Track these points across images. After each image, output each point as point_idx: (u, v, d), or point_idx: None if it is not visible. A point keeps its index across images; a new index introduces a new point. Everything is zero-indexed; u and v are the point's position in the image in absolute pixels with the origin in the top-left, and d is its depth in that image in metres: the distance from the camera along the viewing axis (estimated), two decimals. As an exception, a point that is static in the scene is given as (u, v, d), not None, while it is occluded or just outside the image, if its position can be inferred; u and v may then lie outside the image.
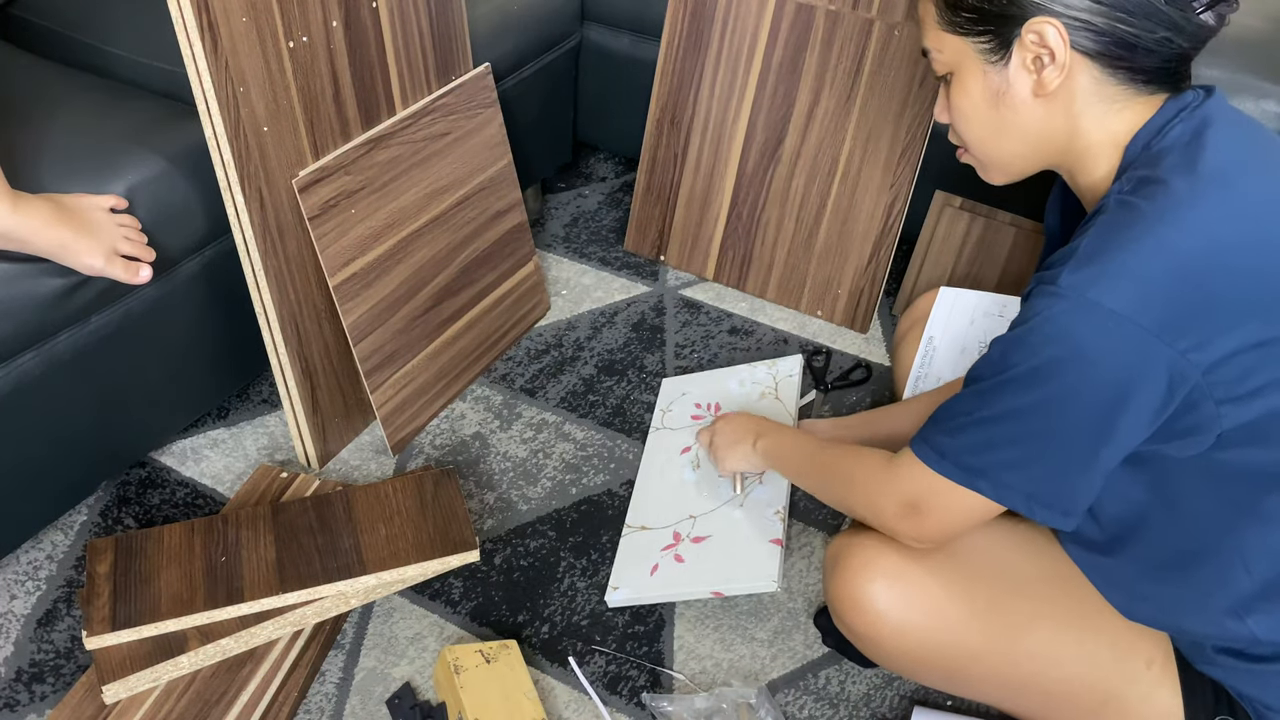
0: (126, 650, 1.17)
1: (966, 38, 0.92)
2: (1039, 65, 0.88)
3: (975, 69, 0.93)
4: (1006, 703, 1.07)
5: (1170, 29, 0.85)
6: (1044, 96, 0.90)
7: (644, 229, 1.90)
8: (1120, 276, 0.80)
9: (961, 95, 0.95)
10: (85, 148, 1.26)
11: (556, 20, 1.80)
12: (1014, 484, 0.89)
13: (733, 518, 1.33)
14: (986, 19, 0.89)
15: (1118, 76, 0.88)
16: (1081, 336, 0.81)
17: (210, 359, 1.44)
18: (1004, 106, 0.93)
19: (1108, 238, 0.82)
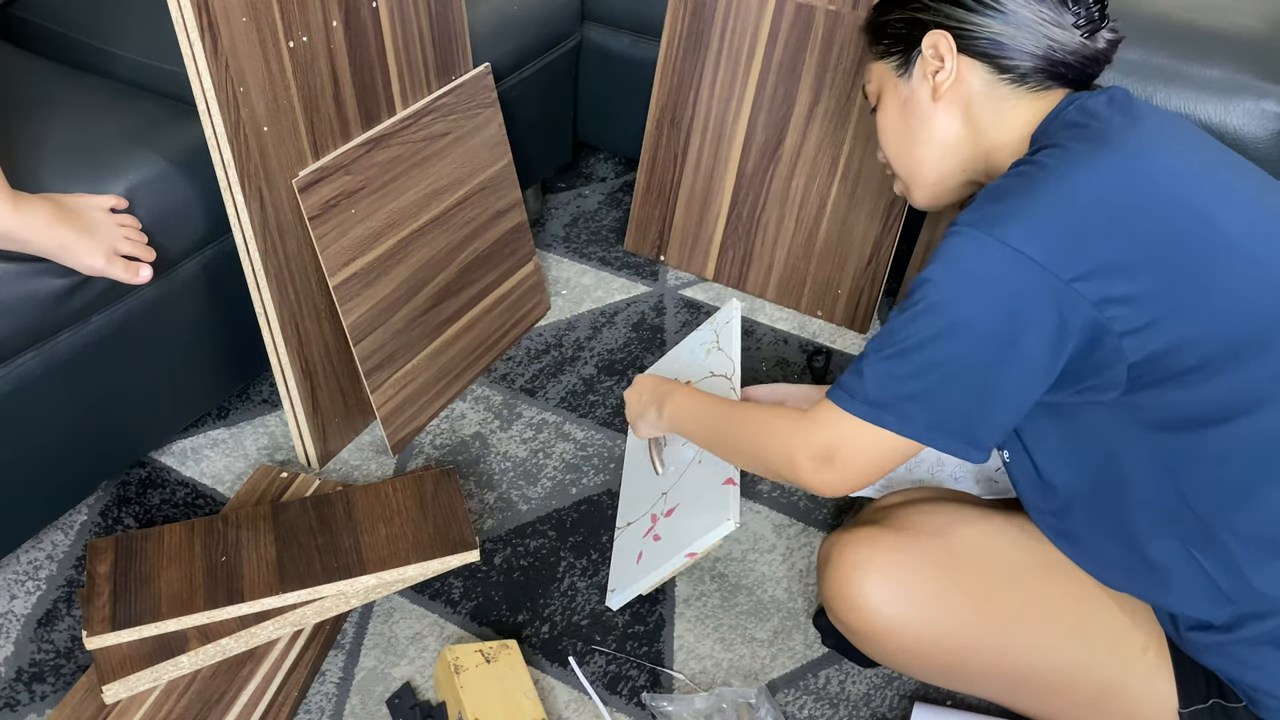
0: (126, 650, 1.17)
1: (884, 60, 1.08)
2: (934, 71, 1.02)
3: (891, 86, 1.08)
4: (1004, 695, 1.07)
5: (1053, 41, 0.98)
6: (941, 100, 1.02)
7: (644, 229, 1.90)
8: (1013, 215, 0.86)
9: (882, 114, 1.10)
10: (85, 148, 1.26)
11: (556, 20, 1.80)
12: (917, 415, 0.90)
13: (692, 476, 1.31)
14: (897, 40, 1.05)
15: (1007, 76, 0.99)
16: (972, 266, 0.86)
17: (210, 359, 1.44)
18: (911, 114, 1.06)
19: (1005, 187, 0.89)
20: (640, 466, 1.43)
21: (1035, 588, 1.01)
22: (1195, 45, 1.50)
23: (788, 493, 1.48)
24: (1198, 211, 0.87)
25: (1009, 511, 1.09)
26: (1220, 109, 1.45)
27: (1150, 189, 0.88)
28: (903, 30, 1.04)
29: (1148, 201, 0.87)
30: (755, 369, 1.68)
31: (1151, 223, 0.86)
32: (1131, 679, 0.99)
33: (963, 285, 0.87)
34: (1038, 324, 0.85)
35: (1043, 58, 0.98)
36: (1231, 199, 0.90)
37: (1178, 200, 0.88)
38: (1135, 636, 0.99)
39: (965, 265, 0.87)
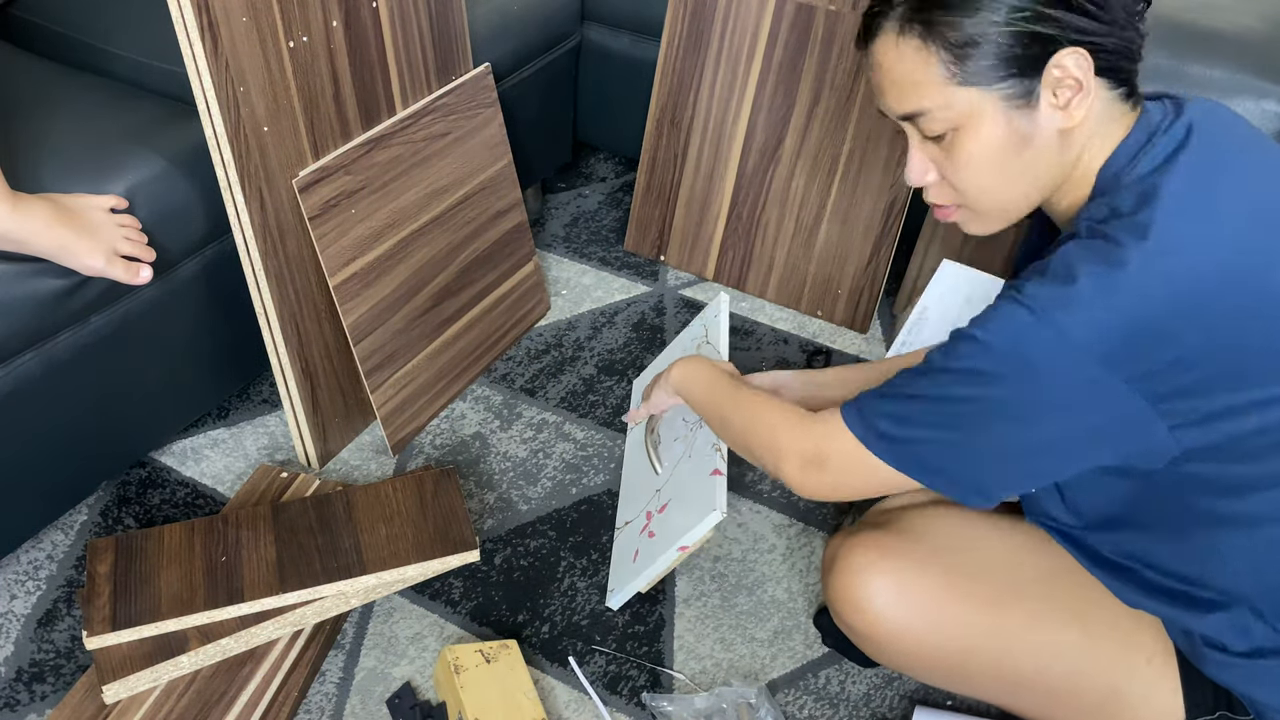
0: (126, 650, 1.17)
1: (986, 88, 0.85)
2: (1065, 99, 0.85)
3: (996, 118, 0.86)
4: (1007, 700, 1.07)
5: (1139, 34, 0.87)
6: (1068, 129, 0.87)
7: (644, 229, 1.90)
8: (1081, 304, 0.79)
9: (975, 145, 0.88)
10: (85, 148, 1.26)
11: (556, 20, 1.80)
12: (925, 460, 0.90)
13: (682, 471, 1.31)
14: (1010, 64, 0.84)
15: (1119, 92, 0.88)
16: (1027, 349, 0.81)
17: (210, 359, 1.44)
18: (1029, 149, 0.88)
19: (1077, 262, 0.81)
20: (639, 466, 1.43)
21: (1040, 593, 1.01)
22: (1195, 45, 1.50)
23: (788, 493, 1.48)
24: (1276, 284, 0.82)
25: (1015, 516, 1.08)
26: (1220, 109, 1.45)
27: (1229, 273, 0.80)
28: (1018, 50, 0.83)
29: (1225, 289, 0.80)
30: (755, 369, 1.68)
31: (1226, 313, 0.80)
32: (1135, 687, 0.98)
33: (1011, 364, 0.82)
34: (1083, 419, 0.83)
35: (1130, 60, 0.87)
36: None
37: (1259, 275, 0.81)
38: (1140, 645, 0.99)
39: (1019, 346, 0.81)
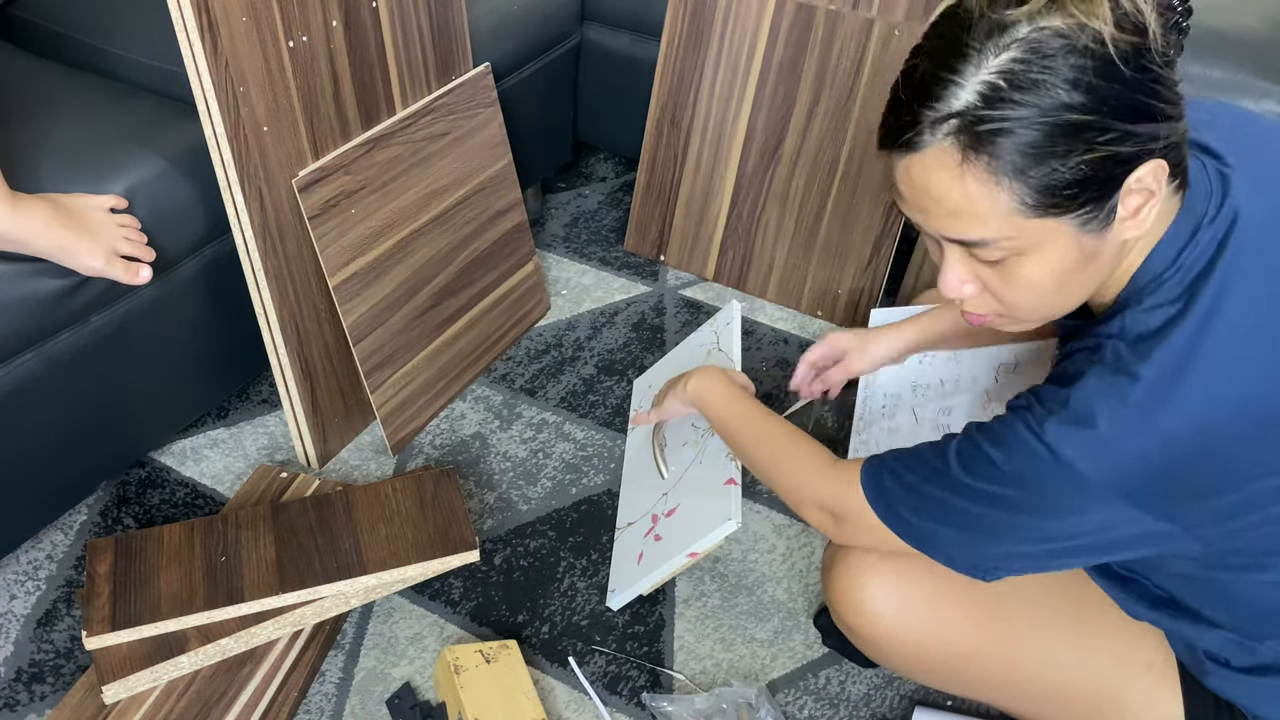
0: (126, 650, 1.17)
1: (1062, 216, 0.76)
2: (1136, 208, 0.77)
3: (1068, 242, 0.77)
4: (1006, 702, 1.07)
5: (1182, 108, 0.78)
6: (1135, 236, 0.79)
7: (644, 229, 1.90)
8: (1103, 450, 0.77)
9: (1038, 270, 0.79)
10: (85, 148, 1.26)
11: (556, 20, 1.80)
12: (936, 543, 0.91)
13: (693, 477, 1.31)
14: (1090, 187, 0.75)
15: (1176, 185, 0.80)
16: (1051, 489, 0.80)
17: (210, 359, 1.44)
18: (1094, 264, 0.80)
19: (1098, 400, 0.77)
20: (641, 467, 1.43)
21: (1041, 598, 1.00)
22: (1195, 45, 1.49)
23: (788, 493, 1.48)
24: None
25: None
26: (1220, 109, 1.45)
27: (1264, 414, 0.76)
28: (1096, 173, 0.74)
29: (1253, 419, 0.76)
30: (755, 369, 1.68)
31: (1251, 444, 0.77)
32: (1134, 695, 0.98)
33: (1028, 495, 0.81)
34: (1099, 535, 0.82)
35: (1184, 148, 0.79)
36: None
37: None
38: (1140, 653, 0.98)
39: (1038, 482, 0.80)
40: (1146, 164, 0.75)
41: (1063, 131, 0.72)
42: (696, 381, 1.26)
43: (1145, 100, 0.73)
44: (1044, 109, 0.72)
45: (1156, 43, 0.73)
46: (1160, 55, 0.73)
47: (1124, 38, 0.72)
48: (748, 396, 1.21)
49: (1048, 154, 0.73)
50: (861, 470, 0.95)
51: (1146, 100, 0.74)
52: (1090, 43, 0.71)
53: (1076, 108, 0.72)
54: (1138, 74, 0.73)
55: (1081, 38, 0.71)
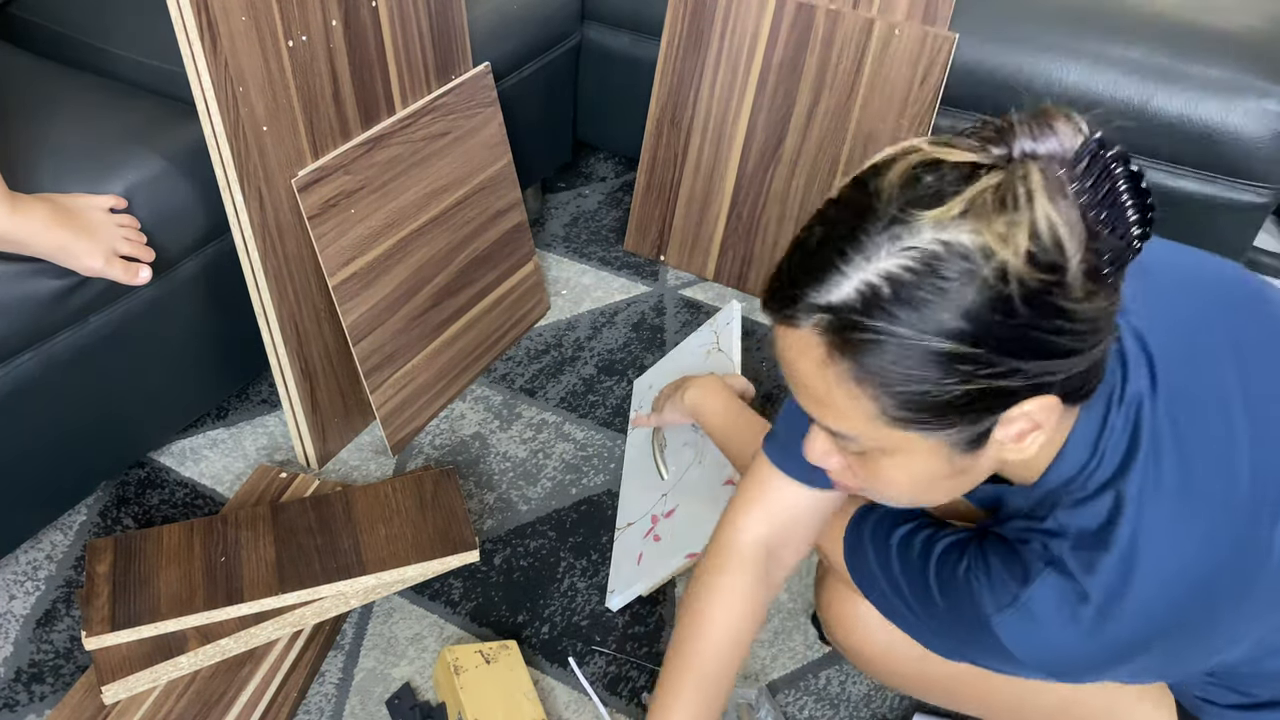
0: (126, 650, 1.17)
1: (928, 434, 0.70)
2: (1019, 435, 0.70)
3: (935, 454, 0.72)
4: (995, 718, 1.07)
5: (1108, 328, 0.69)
6: (1014, 460, 0.75)
7: (644, 229, 1.90)
8: (1048, 648, 0.78)
9: (900, 473, 0.74)
10: (85, 148, 1.26)
11: (556, 20, 1.80)
12: (898, 621, 0.91)
13: (692, 478, 1.32)
14: (961, 413, 0.68)
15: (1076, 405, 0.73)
16: (991, 658, 0.82)
17: (210, 359, 1.44)
18: (964, 476, 0.75)
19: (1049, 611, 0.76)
20: (640, 468, 1.43)
21: None
22: (1195, 45, 1.49)
23: (788, 493, 1.47)
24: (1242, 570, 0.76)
25: None
26: (1220, 109, 1.45)
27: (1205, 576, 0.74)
28: (973, 404, 0.67)
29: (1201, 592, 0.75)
30: (755, 369, 1.68)
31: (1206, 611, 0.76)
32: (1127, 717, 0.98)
33: (959, 638, 0.84)
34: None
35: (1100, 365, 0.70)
36: None
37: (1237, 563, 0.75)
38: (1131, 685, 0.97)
39: (974, 638, 0.82)
40: (1034, 399, 0.67)
41: (938, 359, 0.64)
42: (694, 392, 1.26)
43: (1045, 338, 0.65)
44: (922, 330, 0.64)
45: (1073, 284, 0.63)
46: (1079, 292, 0.64)
47: (1033, 275, 0.62)
48: (744, 408, 1.20)
49: (918, 377, 0.66)
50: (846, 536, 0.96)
51: (1046, 338, 0.65)
52: (992, 274, 0.62)
53: (958, 337, 0.64)
54: (1039, 313, 0.64)
55: (985, 266, 0.62)
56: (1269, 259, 1.95)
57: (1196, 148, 1.48)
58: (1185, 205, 1.53)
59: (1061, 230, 0.62)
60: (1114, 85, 1.50)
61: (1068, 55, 1.53)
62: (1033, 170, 0.63)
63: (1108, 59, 1.51)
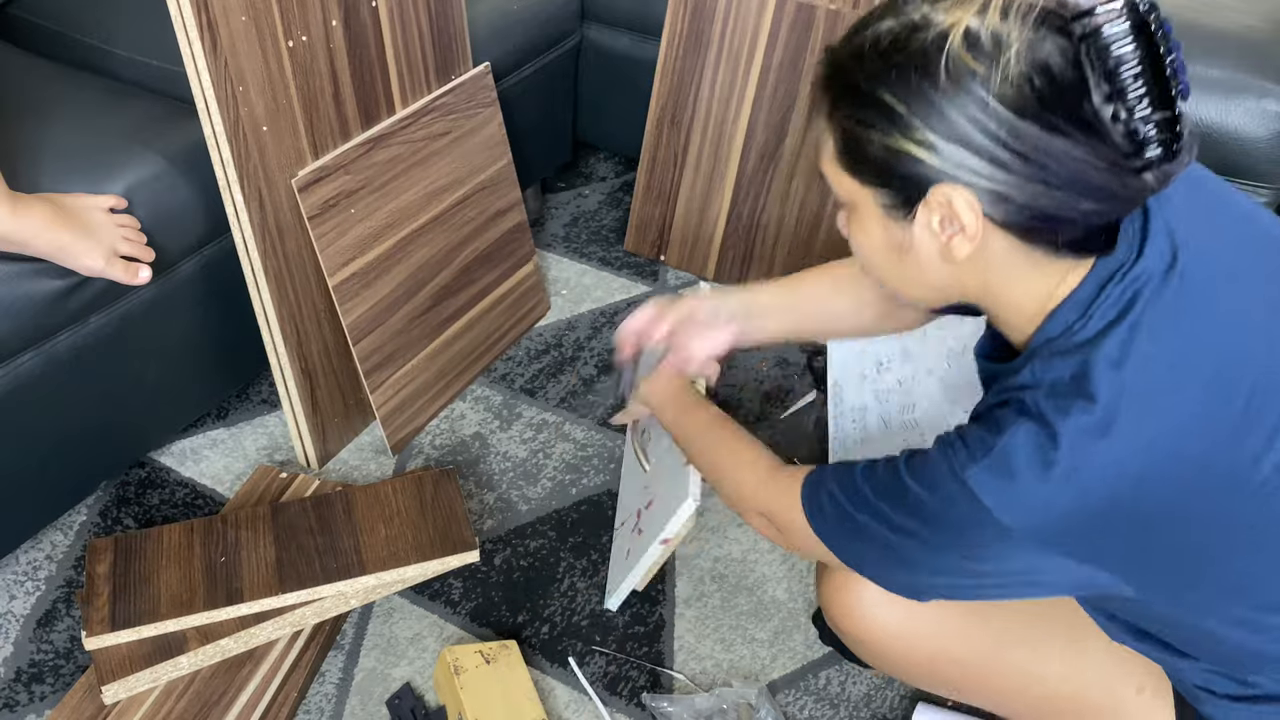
0: (126, 650, 1.17)
1: (864, 186, 0.79)
2: (945, 229, 0.77)
3: (874, 216, 0.81)
4: (997, 708, 1.07)
5: (1103, 199, 0.73)
6: (952, 262, 0.79)
7: (644, 229, 1.90)
8: (1019, 500, 0.77)
9: (861, 234, 0.84)
10: (85, 147, 1.26)
11: (556, 20, 1.80)
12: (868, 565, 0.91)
13: (665, 465, 1.31)
14: (885, 174, 0.77)
15: (1038, 246, 0.77)
16: (970, 530, 0.80)
17: (210, 359, 1.44)
18: (908, 260, 0.82)
19: (1020, 455, 0.76)
20: (631, 464, 1.43)
21: (1033, 611, 1.00)
22: (1195, 45, 1.49)
23: (788, 493, 1.47)
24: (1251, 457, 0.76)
25: None
26: (1220, 109, 1.45)
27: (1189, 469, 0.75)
28: (895, 165, 0.76)
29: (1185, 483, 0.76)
30: (755, 368, 1.68)
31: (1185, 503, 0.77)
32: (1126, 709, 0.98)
33: (949, 533, 0.82)
34: (1019, 576, 0.83)
35: (1082, 225, 0.75)
36: None
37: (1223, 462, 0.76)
38: (1131, 676, 0.98)
39: (959, 523, 0.80)
40: (955, 189, 0.74)
41: (875, 107, 0.75)
42: (647, 385, 1.25)
43: (963, 124, 0.72)
44: (870, 78, 0.75)
45: (994, 80, 0.70)
46: (999, 94, 0.71)
47: (963, 55, 0.71)
48: (698, 400, 1.19)
49: (857, 119, 0.76)
50: (802, 486, 0.95)
51: (965, 125, 0.72)
52: (932, 40, 0.72)
53: (891, 90, 0.74)
54: (960, 92, 0.71)
55: (931, 31, 0.72)
56: (1269, 259, 1.95)
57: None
58: (1185, 205, 1.53)
59: (1009, 32, 0.71)
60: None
61: (1068, 55, 1.52)
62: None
63: (1108, 59, 1.51)
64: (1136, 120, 0.70)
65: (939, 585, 0.88)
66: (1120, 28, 0.70)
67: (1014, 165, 0.72)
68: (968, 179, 0.73)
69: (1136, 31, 0.70)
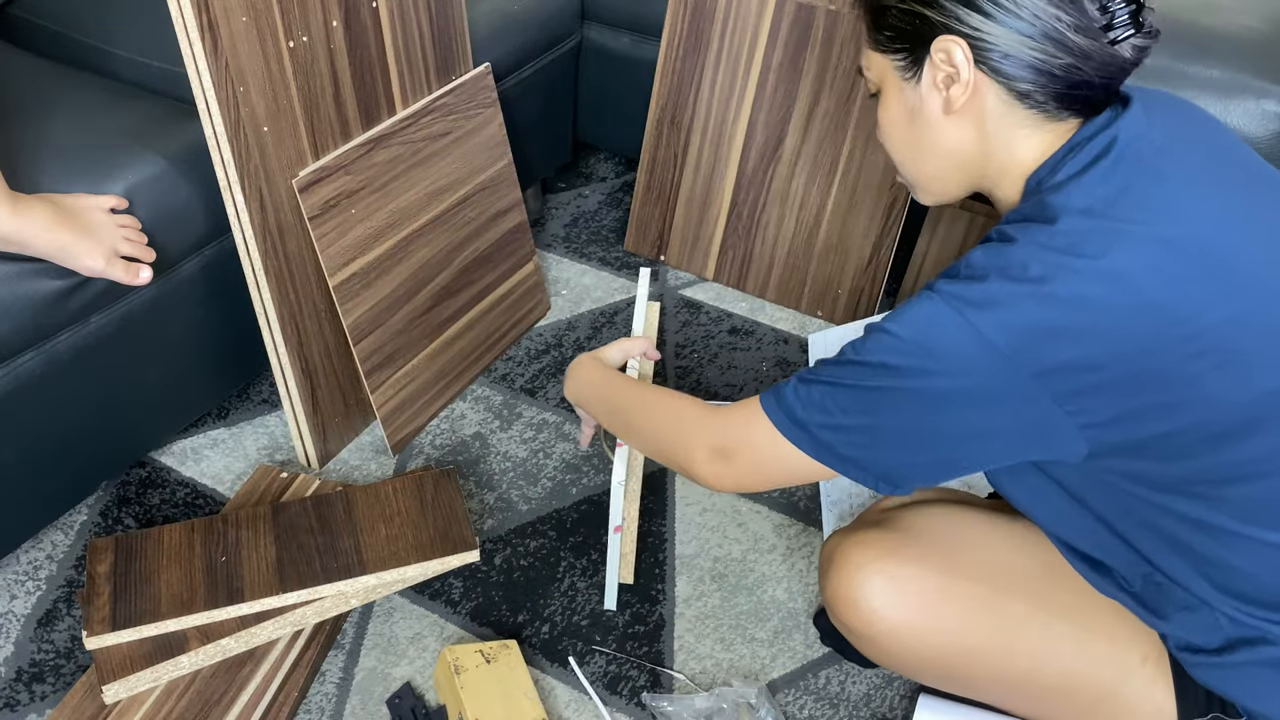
0: (126, 650, 1.17)
1: (887, 55, 0.95)
2: (947, 82, 0.90)
3: (895, 86, 0.96)
4: (1004, 700, 1.07)
5: (1079, 58, 0.86)
6: (953, 114, 0.92)
7: (644, 229, 1.90)
8: (989, 302, 0.81)
9: (884, 112, 0.98)
10: (85, 148, 1.26)
11: (556, 20, 1.80)
12: (836, 447, 0.91)
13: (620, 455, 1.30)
14: (902, 36, 0.92)
15: (1025, 101, 0.89)
16: (938, 340, 0.83)
17: (210, 359, 1.44)
18: (919, 123, 0.95)
19: (990, 261, 0.83)
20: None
21: (1037, 593, 1.01)
22: (1195, 45, 1.50)
23: (788, 492, 1.48)
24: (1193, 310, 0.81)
25: (1013, 515, 1.08)
26: (1220, 109, 1.45)
27: (1136, 297, 0.80)
28: (908, 26, 0.91)
29: (1131, 313, 0.80)
30: (756, 369, 1.68)
31: (1130, 334, 0.81)
32: (1130, 689, 0.99)
33: (923, 355, 0.84)
34: (990, 409, 0.84)
35: (1063, 80, 0.86)
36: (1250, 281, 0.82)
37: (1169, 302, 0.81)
38: (1135, 646, 0.99)
39: (931, 337, 0.83)
40: (948, 37, 0.88)
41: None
42: (567, 382, 1.26)
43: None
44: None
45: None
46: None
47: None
48: (615, 375, 1.20)
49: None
50: (760, 394, 0.97)
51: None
52: None
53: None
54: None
55: None
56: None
57: (1196, 148, 1.48)
58: (1185, 205, 1.53)
59: None
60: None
61: (1067, 55, 1.53)
62: None
63: (1107, 59, 1.51)
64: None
65: (911, 459, 0.89)
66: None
67: (1001, 17, 0.86)
68: (962, 29, 0.87)
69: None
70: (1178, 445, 0.84)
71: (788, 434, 0.92)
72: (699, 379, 1.67)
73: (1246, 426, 0.83)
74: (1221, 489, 0.86)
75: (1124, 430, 0.84)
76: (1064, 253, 0.81)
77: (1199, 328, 0.81)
